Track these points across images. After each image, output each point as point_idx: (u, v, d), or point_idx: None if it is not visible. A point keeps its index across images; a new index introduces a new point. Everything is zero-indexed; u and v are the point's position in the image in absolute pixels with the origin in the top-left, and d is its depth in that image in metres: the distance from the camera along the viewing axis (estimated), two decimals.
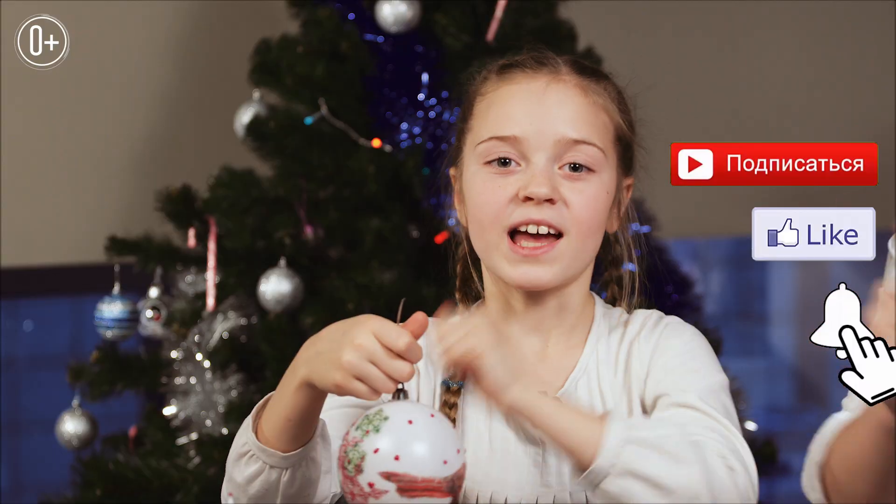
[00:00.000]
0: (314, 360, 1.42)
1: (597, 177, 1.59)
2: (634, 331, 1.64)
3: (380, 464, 1.34)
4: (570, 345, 1.64)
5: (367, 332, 1.38)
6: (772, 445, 3.03)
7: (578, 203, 1.57)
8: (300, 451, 1.47)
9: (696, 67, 3.79)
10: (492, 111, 1.60)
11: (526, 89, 1.59)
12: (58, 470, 3.07)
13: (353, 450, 1.35)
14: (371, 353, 1.38)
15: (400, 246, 2.72)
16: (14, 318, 3.99)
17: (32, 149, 3.32)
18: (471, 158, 1.61)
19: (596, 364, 1.63)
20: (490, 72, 1.65)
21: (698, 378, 1.56)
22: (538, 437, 1.59)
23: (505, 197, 1.57)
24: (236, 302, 2.79)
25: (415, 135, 2.74)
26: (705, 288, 4.55)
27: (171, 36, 3.41)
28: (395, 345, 1.38)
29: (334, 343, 1.40)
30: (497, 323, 1.64)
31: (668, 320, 1.65)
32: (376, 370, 1.38)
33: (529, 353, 1.64)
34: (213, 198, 2.79)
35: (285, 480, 1.48)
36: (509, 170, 1.57)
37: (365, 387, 1.38)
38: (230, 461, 1.51)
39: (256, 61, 2.86)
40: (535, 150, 1.57)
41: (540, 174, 1.56)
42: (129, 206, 3.33)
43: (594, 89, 1.61)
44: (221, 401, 2.73)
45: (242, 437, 1.50)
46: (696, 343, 1.62)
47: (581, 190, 1.57)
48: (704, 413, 1.52)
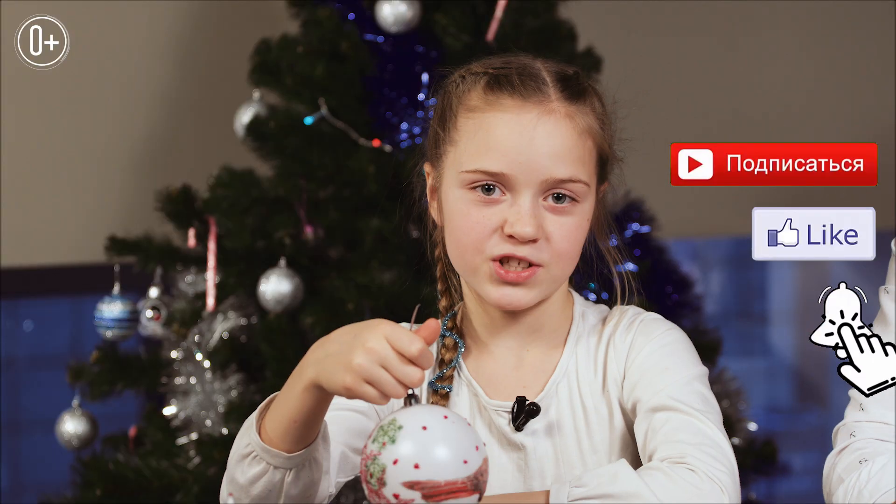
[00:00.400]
0: (323, 362, 1.41)
1: (579, 207, 1.59)
2: (610, 330, 1.64)
3: (401, 474, 1.34)
4: (549, 346, 1.65)
5: (380, 337, 1.38)
6: (772, 445, 3.03)
7: (560, 236, 1.57)
8: (304, 452, 1.47)
9: (696, 67, 3.79)
10: (478, 137, 1.58)
11: (515, 121, 1.57)
12: (58, 470, 3.07)
13: (373, 463, 1.35)
14: (383, 358, 1.37)
15: (400, 246, 2.72)
16: (14, 318, 3.99)
17: (32, 149, 3.32)
18: (453, 177, 1.60)
19: (576, 366, 1.63)
20: (475, 83, 1.62)
21: (670, 375, 1.57)
22: (520, 443, 1.60)
23: (489, 228, 1.57)
24: (236, 302, 2.79)
25: (415, 135, 2.74)
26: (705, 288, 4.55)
27: (171, 36, 3.41)
28: (408, 350, 1.37)
29: (345, 346, 1.39)
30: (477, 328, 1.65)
31: (643, 317, 1.65)
32: (387, 375, 1.37)
33: (508, 355, 1.64)
34: (213, 198, 2.79)
35: (289, 481, 1.48)
36: (493, 198, 1.57)
37: (375, 391, 1.38)
38: (232, 462, 1.51)
39: (256, 61, 2.86)
40: (522, 185, 1.56)
41: (526, 214, 1.55)
42: (129, 206, 3.33)
43: (581, 110, 1.60)
44: (221, 401, 2.73)
45: (245, 437, 1.49)
46: (669, 339, 1.62)
47: (563, 223, 1.58)
48: (676, 410, 1.53)
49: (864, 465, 1.64)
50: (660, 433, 1.53)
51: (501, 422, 1.61)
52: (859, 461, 1.65)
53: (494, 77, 1.61)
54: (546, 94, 1.59)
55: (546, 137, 1.57)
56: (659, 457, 1.51)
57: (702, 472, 1.48)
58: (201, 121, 3.40)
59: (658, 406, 1.54)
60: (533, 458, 1.60)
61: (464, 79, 1.64)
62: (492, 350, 1.65)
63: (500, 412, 1.62)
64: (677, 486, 1.47)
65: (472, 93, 1.61)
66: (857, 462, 1.65)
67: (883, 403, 1.68)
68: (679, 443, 1.51)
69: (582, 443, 1.61)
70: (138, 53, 3.38)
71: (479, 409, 1.63)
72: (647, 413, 1.55)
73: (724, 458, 1.50)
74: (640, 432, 1.56)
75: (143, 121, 3.39)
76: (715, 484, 1.48)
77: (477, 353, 1.66)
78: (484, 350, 1.65)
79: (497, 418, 1.62)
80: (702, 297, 3.05)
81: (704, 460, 1.49)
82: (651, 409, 1.55)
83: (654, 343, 1.61)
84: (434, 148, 1.65)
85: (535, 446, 1.61)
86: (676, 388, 1.55)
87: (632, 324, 1.64)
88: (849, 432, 1.69)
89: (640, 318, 1.65)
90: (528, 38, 2.75)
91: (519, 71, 1.60)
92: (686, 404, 1.54)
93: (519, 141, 1.56)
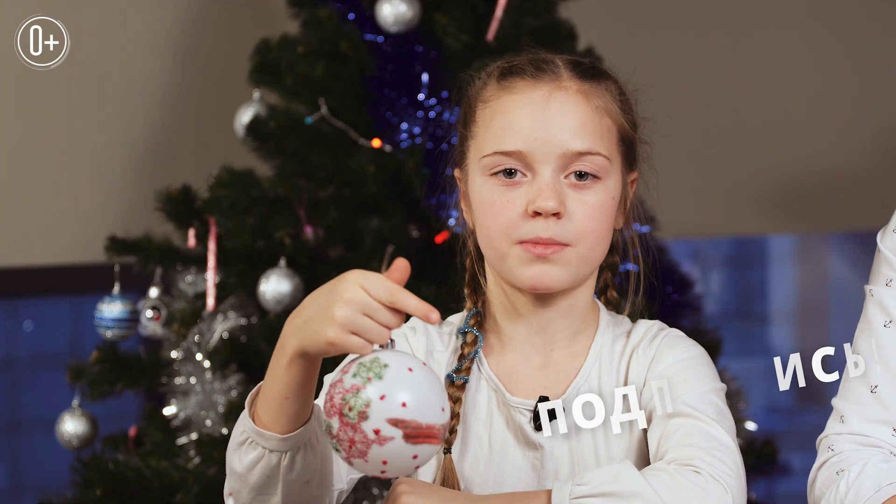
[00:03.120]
0: (303, 328, 1.41)
1: (602, 184, 1.59)
2: (635, 341, 1.66)
3: (387, 411, 1.34)
4: (573, 351, 1.65)
5: (355, 286, 1.38)
6: (772, 445, 3.03)
7: (583, 215, 1.57)
8: (298, 433, 1.46)
9: (696, 67, 3.79)
10: (495, 122, 1.60)
11: (528, 100, 1.59)
12: (58, 470, 3.07)
13: (355, 397, 1.34)
14: (363, 305, 1.37)
15: (400, 246, 2.72)
16: (14, 318, 3.99)
17: (32, 149, 3.32)
18: (475, 168, 1.62)
19: (598, 373, 1.64)
20: (490, 76, 1.64)
21: (688, 386, 1.58)
22: (538, 443, 1.60)
23: (514, 212, 1.57)
24: (236, 302, 2.79)
25: (415, 135, 2.73)
26: (705, 288, 4.55)
27: (172, 36, 3.41)
28: (383, 297, 1.37)
29: (322, 304, 1.39)
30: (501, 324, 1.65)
31: (668, 332, 1.67)
32: (371, 322, 1.37)
33: (533, 354, 1.64)
34: (213, 198, 2.79)
35: (285, 465, 1.47)
36: (515, 181, 1.58)
37: (360, 339, 1.38)
38: (230, 451, 1.51)
39: (256, 61, 2.86)
40: (540, 162, 1.57)
41: (547, 187, 1.56)
42: (129, 206, 3.33)
43: (596, 92, 1.61)
44: (221, 401, 2.73)
45: (240, 425, 1.50)
46: (691, 353, 1.64)
47: (586, 201, 1.58)
48: (690, 416, 1.55)
49: (842, 475, 1.63)
50: (672, 438, 1.54)
51: (522, 420, 1.62)
52: (836, 472, 1.64)
53: (508, 68, 1.63)
54: (558, 74, 1.60)
55: (559, 112, 1.58)
56: (668, 459, 1.52)
57: (706, 474, 1.48)
58: (201, 121, 3.40)
59: (673, 413, 1.55)
60: (549, 458, 1.61)
61: (479, 77, 1.66)
62: (516, 348, 1.65)
63: (522, 410, 1.62)
64: (681, 487, 1.47)
65: (488, 86, 1.64)
66: (835, 474, 1.64)
67: (862, 416, 1.67)
68: (689, 446, 1.52)
69: (599, 448, 1.61)
70: (138, 53, 3.38)
71: (498, 406, 1.64)
72: (662, 419, 1.56)
73: (731, 461, 1.51)
74: (653, 438, 1.57)
75: (143, 121, 3.39)
76: (719, 485, 1.48)
77: (500, 350, 1.66)
78: (508, 347, 1.66)
79: (518, 416, 1.62)
80: (702, 297, 3.05)
81: (711, 462, 1.49)
82: (666, 416, 1.56)
83: (676, 356, 1.62)
84: (459, 149, 1.67)
85: (552, 447, 1.61)
86: (693, 398, 1.57)
87: (655, 337, 1.65)
88: (827, 446, 1.69)
89: (665, 332, 1.66)
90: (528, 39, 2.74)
91: (531, 59, 1.63)
92: (700, 412, 1.55)
93: (532, 117, 1.58)
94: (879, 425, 1.66)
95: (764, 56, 3.85)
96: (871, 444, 1.66)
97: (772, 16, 3.86)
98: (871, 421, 1.66)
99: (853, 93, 3.89)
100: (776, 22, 3.86)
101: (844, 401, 1.69)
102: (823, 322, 4.85)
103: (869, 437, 1.66)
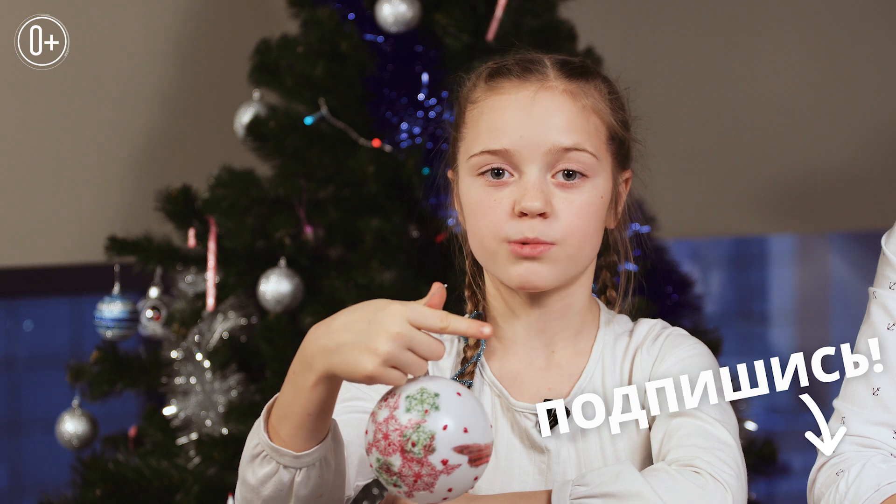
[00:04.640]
0: (336, 353, 1.38)
1: (590, 182, 1.59)
2: (638, 340, 1.65)
3: (452, 439, 1.34)
4: (575, 351, 1.65)
5: (402, 320, 1.36)
6: (772, 445, 3.03)
7: (570, 214, 1.57)
8: (315, 451, 1.45)
9: (696, 67, 3.79)
10: (482, 122, 1.60)
11: (514, 99, 1.59)
12: (58, 470, 3.07)
13: (417, 432, 1.34)
14: (409, 340, 1.36)
15: (400, 246, 2.72)
16: (14, 318, 3.99)
17: (32, 149, 3.32)
18: (465, 168, 1.61)
19: (601, 374, 1.64)
20: (479, 77, 1.64)
21: None
22: (544, 446, 1.60)
23: (501, 212, 1.57)
24: (236, 302, 2.79)
25: (415, 135, 2.73)
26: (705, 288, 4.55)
27: (172, 36, 3.41)
28: (436, 326, 1.36)
29: (361, 334, 1.37)
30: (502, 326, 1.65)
31: (671, 331, 1.66)
32: (414, 357, 1.36)
33: (535, 356, 1.64)
34: (212, 198, 2.79)
35: (299, 481, 1.46)
36: (503, 181, 1.58)
37: (399, 373, 1.37)
38: (243, 463, 1.49)
39: (256, 61, 2.86)
40: (526, 161, 1.57)
41: (533, 187, 1.56)
42: (129, 206, 3.33)
43: (584, 91, 1.60)
44: (221, 401, 2.73)
45: (255, 438, 1.48)
46: (694, 352, 1.63)
47: (573, 200, 1.57)
48: (693, 416, 1.54)
49: (841, 475, 1.63)
50: (674, 438, 1.54)
51: (527, 423, 1.61)
52: (836, 473, 1.64)
53: (495, 69, 1.63)
54: (544, 74, 1.60)
55: (545, 111, 1.58)
56: (669, 459, 1.52)
57: (707, 474, 1.48)
58: (201, 121, 3.40)
59: (675, 412, 1.55)
60: (556, 461, 1.60)
61: (469, 79, 1.66)
62: (518, 350, 1.65)
63: (527, 414, 1.62)
64: (681, 487, 1.47)
65: (476, 87, 1.64)
66: (835, 474, 1.64)
67: (863, 418, 1.67)
68: (691, 446, 1.52)
69: (605, 449, 1.61)
70: (138, 53, 3.38)
71: (502, 411, 1.63)
72: (665, 419, 1.56)
73: (732, 460, 1.51)
74: (656, 437, 1.57)
75: (143, 121, 3.39)
76: (720, 484, 1.48)
77: (502, 353, 1.66)
78: (509, 350, 1.65)
79: (523, 420, 1.62)
80: (702, 297, 3.05)
81: (712, 462, 1.49)
82: (669, 416, 1.56)
83: (680, 355, 1.62)
84: (451, 150, 1.67)
85: (558, 450, 1.61)
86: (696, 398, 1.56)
87: (658, 336, 1.65)
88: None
89: (668, 331, 1.66)
90: (529, 38, 2.74)
91: (518, 60, 1.63)
92: (703, 412, 1.55)
93: (518, 117, 1.58)
94: (880, 427, 1.66)
95: (764, 56, 3.85)
96: (872, 446, 1.66)
97: (772, 16, 3.86)
98: (872, 423, 1.66)
99: (853, 93, 3.89)
100: (777, 22, 3.86)
101: (845, 402, 1.70)
102: (823, 322, 4.86)
103: (869, 438, 1.67)
